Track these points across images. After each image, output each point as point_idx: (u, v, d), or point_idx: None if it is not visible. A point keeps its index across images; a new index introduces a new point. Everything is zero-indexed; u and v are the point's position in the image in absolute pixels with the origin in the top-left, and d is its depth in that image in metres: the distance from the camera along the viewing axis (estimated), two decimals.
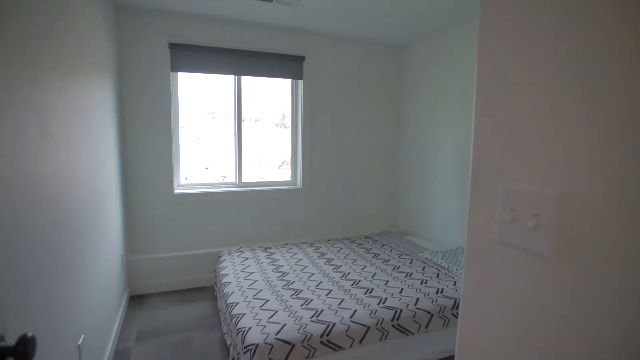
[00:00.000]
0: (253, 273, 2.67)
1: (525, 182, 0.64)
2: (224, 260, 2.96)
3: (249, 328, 1.92)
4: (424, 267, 2.83)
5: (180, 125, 3.37)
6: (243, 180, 3.61)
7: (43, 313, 1.20)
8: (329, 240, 3.54)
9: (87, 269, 1.79)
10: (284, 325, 1.93)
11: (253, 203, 3.58)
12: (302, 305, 2.16)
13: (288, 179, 3.84)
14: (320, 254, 3.11)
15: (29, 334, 0.63)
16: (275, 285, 2.45)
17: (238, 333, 1.95)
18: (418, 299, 2.25)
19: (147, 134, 3.13)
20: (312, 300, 2.23)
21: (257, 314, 2.06)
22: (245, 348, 1.82)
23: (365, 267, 2.82)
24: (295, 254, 3.10)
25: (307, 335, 1.87)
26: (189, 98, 3.45)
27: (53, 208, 1.35)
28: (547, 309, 0.61)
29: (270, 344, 1.79)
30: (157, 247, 3.26)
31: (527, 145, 0.64)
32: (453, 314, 2.20)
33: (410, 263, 2.92)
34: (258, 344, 1.79)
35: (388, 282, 2.53)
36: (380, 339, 2.02)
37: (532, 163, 0.63)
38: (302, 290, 2.38)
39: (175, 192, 3.30)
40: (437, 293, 2.35)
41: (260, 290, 2.37)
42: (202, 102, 3.58)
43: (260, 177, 3.82)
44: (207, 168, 3.77)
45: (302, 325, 1.93)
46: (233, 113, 3.54)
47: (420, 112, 3.78)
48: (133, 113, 3.07)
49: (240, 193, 3.53)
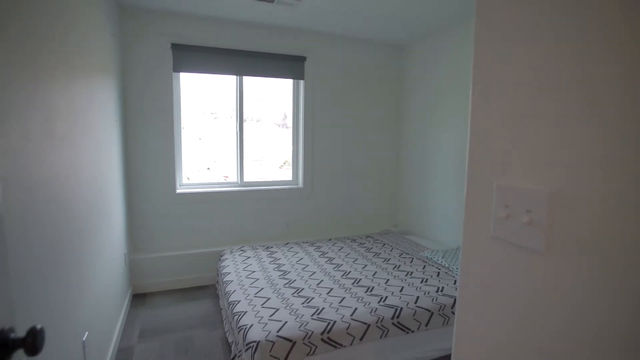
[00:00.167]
0: (255, 272, 2.69)
1: (520, 179, 0.66)
2: (226, 259, 2.98)
3: (251, 325, 1.94)
4: (425, 266, 2.85)
5: (182, 126, 3.40)
6: (245, 180, 3.63)
7: (48, 309, 1.22)
8: (330, 240, 3.56)
9: (90, 267, 1.82)
10: (285, 323, 1.95)
11: (255, 202, 3.60)
12: (303, 303, 2.18)
13: (289, 179, 3.86)
14: (322, 253, 3.13)
15: (38, 326, 0.66)
16: (277, 284, 2.47)
17: (240, 331, 1.97)
18: (418, 298, 2.27)
19: (149, 134, 3.15)
20: (313, 299, 2.25)
21: (258, 312, 2.08)
22: (247, 345, 1.84)
23: (366, 265, 2.84)
24: (297, 253, 3.12)
25: (308, 333, 1.89)
26: (191, 98, 3.48)
27: (58, 207, 1.38)
28: (540, 303, 0.63)
29: (272, 342, 1.81)
30: (159, 246, 3.29)
31: (521, 144, 0.66)
32: (453, 312, 2.22)
33: (411, 262, 2.94)
34: (259, 341, 1.81)
35: (388, 280, 2.55)
36: (381, 337, 2.03)
37: (526, 161, 0.65)
38: (303, 289, 2.40)
39: (178, 191, 3.32)
40: (437, 292, 2.37)
41: (262, 289, 2.39)
42: (203, 102, 3.61)
43: (262, 177, 3.84)
44: (208, 168, 3.80)
45: (303, 323, 1.95)
46: (235, 113, 3.56)
47: (421, 111, 3.79)
48: (135, 113, 3.09)
49: (242, 192, 3.55)
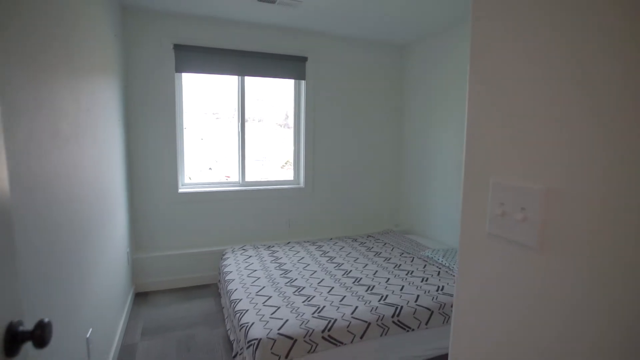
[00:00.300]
0: (256, 270, 2.71)
1: (515, 177, 0.68)
2: (228, 258, 3.01)
3: (252, 323, 1.96)
4: (425, 265, 2.86)
5: (184, 126, 3.42)
6: (246, 180, 3.65)
7: (53, 306, 1.25)
8: (332, 239, 3.57)
9: (93, 266, 1.84)
10: (286, 321, 1.96)
11: (256, 202, 3.62)
12: (304, 302, 2.20)
13: (291, 179, 3.88)
14: (323, 252, 3.15)
15: (46, 320, 0.68)
16: (278, 283, 2.49)
17: (241, 328, 1.99)
18: (418, 296, 2.29)
19: (151, 134, 3.18)
20: (314, 297, 2.27)
21: (260, 310, 2.10)
22: (248, 343, 1.86)
23: (367, 265, 2.86)
24: (298, 252, 3.14)
25: (308, 331, 1.90)
26: (193, 99, 3.50)
27: (62, 206, 1.40)
28: (534, 298, 0.64)
29: (273, 339, 1.83)
30: (161, 245, 3.31)
31: (516, 143, 0.67)
32: None
33: (412, 261, 2.95)
34: (261, 339, 1.82)
35: (389, 279, 2.56)
36: (381, 335, 2.05)
37: (521, 159, 0.67)
38: (304, 287, 2.41)
39: (180, 191, 3.35)
40: (437, 290, 2.38)
41: (263, 287, 2.41)
42: (205, 102, 3.63)
43: (264, 177, 3.86)
44: (210, 168, 3.82)
45: (304, 321, 1.97)
46: (237, 113, 3.58)
47: (422, 111, 3.81)
48: (138, 113, 3.12)
49: (244, 192, 3.57)
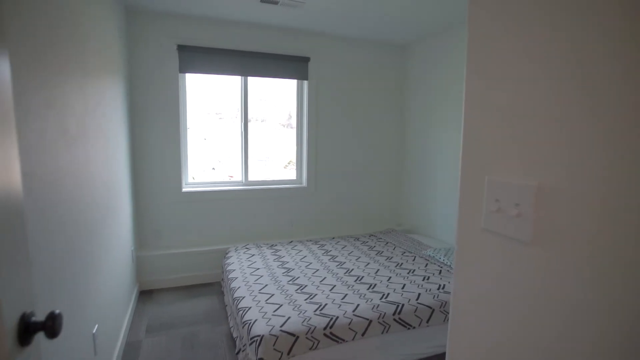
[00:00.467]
0: (259, 269, 2.74)
1: (509, 174, 0.70)
2: (231, 257, 3.04)
3: (255, 320, 1.99)
4: (427, 264, 2.88)
5: (188, 126, 3.46)
6: (249, 179, 3.68)
7: (62, 301, 1.28)
8: (334, 238, 3.60)
9: (99, 263, 1.87)
10: (289, 318, 1.99)
11: (259, 201, 3.65)
12: (306, 300, 2.22)
13: (293, 178, 3.91)
14: (325, 251, 3.17)
15: (56, 311, 0.70)
16: (281, 281, 2.52)
17: (244, 325, 2.02)
18: (420, 295, 2.30)
19: (155, 134, 3.22)
20: (316, 295, 2.29)
21: (262, 307, 2.13)
22: (251, 339, 1.88)
23: (369, 263, 2.88)
24: (301, 251, 3.16)
25: (310, 328, 1.93)
26: (196, 99, 3.53)
27: (69, 204, 1.43)
28: (528, 290, 0.66)
29: (275, 336, 1.86)
30: (165, 243, 3.34)
31: (511, 142, 0.69)
32: None
33: (413, 260, 2.97)
34: (263, 336, 1.85)
35: (391, 278, 2.58)
36: (382, 332, 2.07)
37: (515, 157, 0.69)
38: (306, 286, 2.44)
39: (184, 190, 3.38)
40: (438, 289, 2.40)
41: (266, 285, 2.44)
42: (209, 102, 3.66)
43: (267, 176, 3.89)
44: (213, 168, 3.85)
45: (306, 318, 1.99)
46: (240, 113, 3.61)
47: (424, 111, 3.82)
48: (142, 113, 3.16)
49: (247, 191, 3.60)
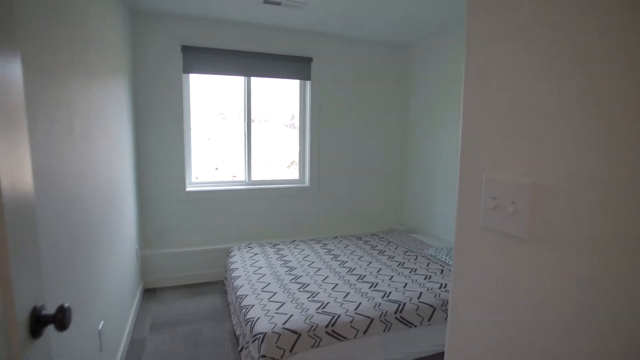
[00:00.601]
0: (262, 268, 2.76)
1: (506, 173, 0.71)
2: (234, 256, 3.06)
3: (258, 318, 2.01)
4: (429, 263, 2.89)
5: (191, 126, 3.48)
6: (252, 179, 3.71)
7: (69, 297, 1.30)
8: (336, 237, 3.62)
9: (105, 261, 1.90)
10: (291, 316, 2.01)
11: (262, 201, 3.67)
12: (308, 298, 2.24)
13: (296, 178, 3.93)
14: (327, 250, 3.19)
15: (66, 305, 0.73)
16: (283, 279, 2.54)
17: (247, 323, 2.04)
18: (421, 293, 2.32)
19: (159, 134, 3.25)
20: (318, 293, 2.31)
21: (265, 305, 2.15)
22: (254, 337, 1.91)
23: (371, 262, 2.89)
24: (303, 250, 3.18)
25: (313, 326, 1.95)
26: (200, 99, 3.56)
27: (76, 202, 1.46)
28: (524, 286, 0.68)
29: (278, 333, 1.88)
30: (169, 242, 3.38)
31: (507, 141, 0.71)
32: None
33: (415, 259, 2.98)
34: (266, 333, 1.87)
35: (393, 277, 2.60)
36: (384, 331, 2.09)
37: (511, 156, 0.70)
38: (308, 284, 2.46)
39: (187, 189, 3.41)
40: (440, 288, 2.41)
41: (269, 284, 2.46)
42: (212, 103, 3.69)
43: (270, 176, 3.91)
44: (217, 168, 3.88)
45: (308, 316, 2.01)
46: (243, 113, 3.64)
47: (426, 111, 3.83)
48: (147, 113, 3.19)
49: (250, 191, 3.62)
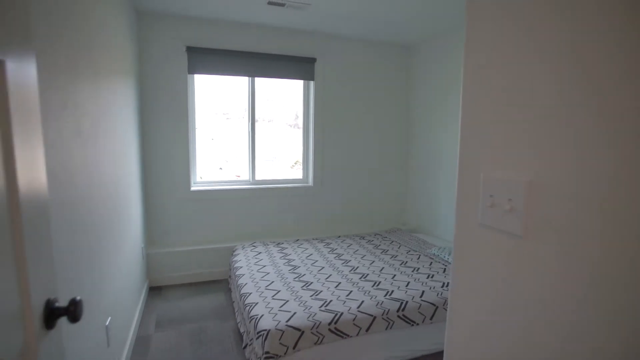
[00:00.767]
0: (266, 266, 2.79)
1: (503, 171, 0.73)
2: (238, 254, 3.09)
3: (262, 315, 2.04)
4: (431, 262, 2.91)
5: (195, 126, 3.52)
6: (256, 179, 3.74)
7: (78, 291, 1.34)
8: (339, 237, 3.64)
9: (112, 258, 1.94)
10: (294, 314, 2.03)
11: (266, 200, 3.71)
12: (311, 296, 2.27)
13: (300, 177, 3.96)
14: (331, 249, 3.21)
15: (78, 298, 0.76)
16: (287, 278, 2.57)
17: (251, 320, 2.07)
18: (424, 292, 2.33)
19: (165, 133, 3.29)
20: (321, 292, 2.33)
21: (269, 303, 2.18)
22: (258, 334, 1.93)
23: (374, 261, 2.91)
24: (306, 249, 3.21)
25: (316, 323, 1.97)
26: (204, 99, 3.60)
27: (84, 201, 1.49)
28: (521, 281, 0.70)
29: (281, 330, 1.90)
30: (174, 241, 3.42)
31: (504, 141, 0.73)
32: None
33: (418, 259, 3.00)
34: (270, 330, 1.90)
35: (395, 275, 2.61)
36: (386, 329, 2.11)
37: (508, 155, 0.72)
38: (312, 282, 2.48)
39: (192, 189, 3.45)
40: (442, 287, 2.43)
41: (272, 282, 2.49)
42: (216, 103, 3.72)
43: (274, 176, 3.94)
44: (221, 168, 3.91)
45: (311, 314, 2.04)
46: (247, 114, 3.67)
47: (429, 111, 3.85)
48: (152, 113, 3.23)
49: (254, 190, 3.66)
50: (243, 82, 3.62)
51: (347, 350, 2.02)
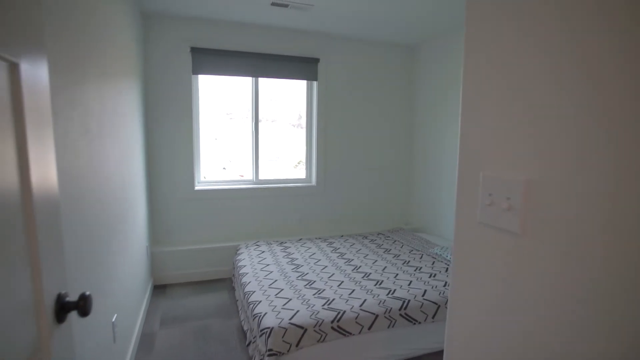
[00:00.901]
0: (269, 265, 2.82)
1: (502, 170, 0.75)
2: (242, 253, 3.12)
3: (265, 313, 2.06)
4: (434, 262, 2.92)
5: (199, 126, 3.54)
6: (260, 178, 3.76)
7: (86, 287, 1.36)
8: (342, 236, 3.65)
9: (117, 256, 1.97)
10: (297, 312, 2.06)
11: (269, 200, 3.73)
12: (314, 294, 2.29)
13: (303, 177, 3.98)
14: (334, 249, 3.23)
15: (87, 292, 0.78)
16: (290, 276, 2.59)
17: (254, 318, 2.09)
18: (426, 291, 2.35)
19: (169, 133, 3.32)
20: (324, 290, 2.35)
21: (272, 301, 2.20)
22: (261, 331, 1.96)
23: (376, 261, 2.93)
24: (310, 248, 3.23)
25: (318, 321, 1.99)
26: (208, 99, 3.62)
27: (90, 199, 1.52)
28: (520, 281, 0.71)
29: (284, 328, 1.92)
30: (178, 240, 3.45)
31: (502, 140, 0.75)
32: None
33: (421, 258, 3.01)
34: (273, 328, 1.92)
35: (397, 275, 2.63)
36: (388, 327, 2.12)
37: (506, 154, 0.74)
38: (314, 281, 2.50)
39: (196, 188, 3.48)
40: (444, 286, 2.44)
41: (276, 281, 2.51)
42: (220, 103, 3.75)
43: (277, 175, 3.96)
44: (224, 168, 3.94)
45: (314, 312, 2.06)
46: (250, 114, 3.69)
47: (432, 111, 3.85)
48: (157, 114, 3.26)
49: (257, 190, 3.68)
50: (247, 82, 3.64)
51: (349, 348, 2.04)
